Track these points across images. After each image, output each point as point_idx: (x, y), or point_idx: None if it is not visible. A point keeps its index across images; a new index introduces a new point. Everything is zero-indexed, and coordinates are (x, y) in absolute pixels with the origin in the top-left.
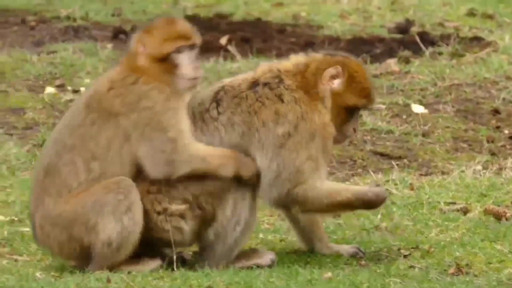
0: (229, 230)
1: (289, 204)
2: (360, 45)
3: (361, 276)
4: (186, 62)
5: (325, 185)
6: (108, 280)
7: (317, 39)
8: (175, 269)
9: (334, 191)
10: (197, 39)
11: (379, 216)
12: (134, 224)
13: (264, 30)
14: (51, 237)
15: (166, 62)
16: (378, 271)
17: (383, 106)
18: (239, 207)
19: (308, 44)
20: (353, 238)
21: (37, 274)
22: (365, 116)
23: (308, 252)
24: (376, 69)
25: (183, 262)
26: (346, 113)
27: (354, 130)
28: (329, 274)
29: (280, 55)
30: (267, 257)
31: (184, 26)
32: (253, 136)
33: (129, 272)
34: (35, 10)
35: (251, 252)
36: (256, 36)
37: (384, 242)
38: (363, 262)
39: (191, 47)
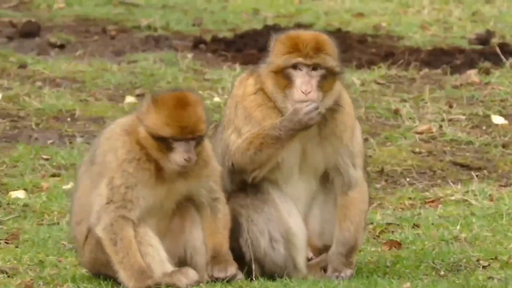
0: None
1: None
2: (441, 56)
3: (439, 286)
4: (181, 149)
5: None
6: None
7: (397, 50)
8: (253, 278)
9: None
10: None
11: (458, 227)
12: None
13: (345, 41)
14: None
15: (162, 143)
16: (456, 282)
17: (463, 117)
18: None
19: (388, 55)
20: (432, 248)
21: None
22: (445, 127)
23: (387, 263)
24: (456, 80)
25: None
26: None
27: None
28: (408, 284)
29: (361, 65)
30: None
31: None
32: None
33: (168, 287)
34: (115, 20)
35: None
36: (337, 47)
37: (463, 253)
38: (442, 273)
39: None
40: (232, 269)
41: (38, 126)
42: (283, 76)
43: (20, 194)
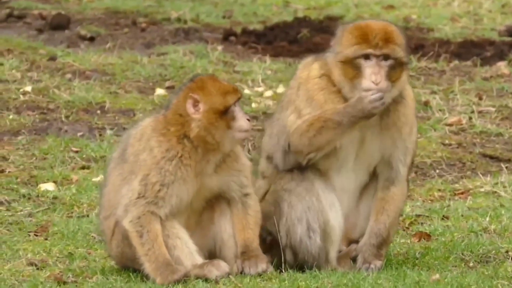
0: None
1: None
2: (471, 48)
3: (468, 278)
4: (240, 114)
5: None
6: (216, 282)
7: (427, 42)
8: (283, 270)
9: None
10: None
11: (487, 219)
12: None
13: None
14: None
15: (225, 116)
16: (486, 273)
17: (493, 109)
18: None
19: (418, 47)
20: (461, 240)
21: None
22: (475, 119)
23: (416, 255)
24: (486, 72)
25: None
26: None
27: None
28: (437, 276)
29: None
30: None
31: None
32: None
33: (198, 278)
34: (145, 12)
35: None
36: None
37: (492, 244)
38: (471, 264)
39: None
40: (263, 265)
41: (68, 119)
42: (352, 66)
43: (49, 186)
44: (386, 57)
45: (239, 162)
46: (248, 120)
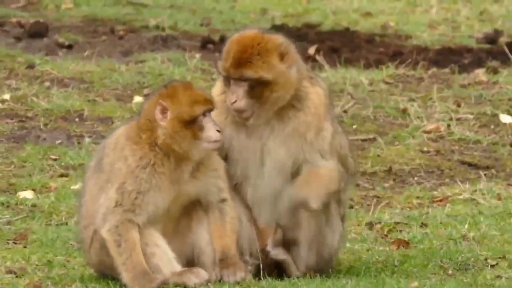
0: None
1: None
2: (449, 55)
3: (447, 286)
4: (211, 124)
5: None
6: None
7: (405, 49)
8: (261, 278)
9: None
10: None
11: (466, 226)
12: None
13: (353, 40)
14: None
15: (192, 126)
16: (465, 280)
17: (471, 116)
18: None
19: (396, 54)
20: (440, 247)
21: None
22: (453, 126)
23: (395, 262)
24: (464, 79)
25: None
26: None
27: None
28: (416, 283)
29: (369, 65)
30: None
31: (202, 91)
32: None
33: (176, 286)
34: (124, 20)
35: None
36: (345, 46)
37: (471, 252)
38: (450, 272)
39: (211, 110)
40: (241, 273)
41: (46, 127)
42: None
43: (28, 194)
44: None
45: (213, 160)
46: (218, 131)
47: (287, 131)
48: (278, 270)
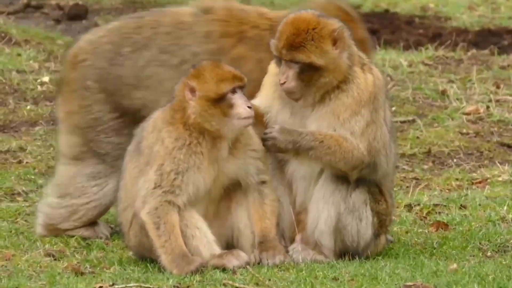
0: None
1: None
2: (488, 36)
3: (486, 267)
4: (240, 101)
5: None
6: (234, 272)
7: (445, 31)
8: (300, 260)
9: None
10: (245, 79)
11: (505, 208)
12: None
13: (392, 22)
14: None
15: (221, 103)
16: (503, 262)
17: (510, 98)
18: None
19: (436, 36)
20: (479, 229)
21: None
22: (492, 108)
23: (434, 244)
24: (504, 60)
25: None
26: None
27: None
28: (455, 265)
29: (408, 46)
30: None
31: (233, 68)
32: None
33: (216, 268)
34: (163, 2)
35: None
36: (384, 28)
37: (510, 234)
38: (489, 254)
39: (243, 87)
40: (281, 256)
41: None
42: None
43: None
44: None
45: (253, 140)
46: (249, 107)
47: (324, 111)
48: None
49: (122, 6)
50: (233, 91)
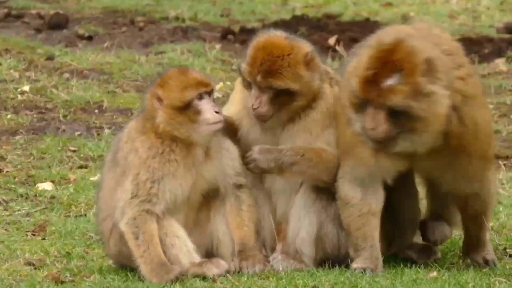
0: None
1: None
2: (469, 45)
3: (466, 275)
4: (208, 106)
5: None
6: (214, 280)
7: None
8: (280, 269)
9: None
10: (214, 83)
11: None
12: None
13: (373, 30)
14: None
15: (187, 110)
16: (483, 270)
17: (491, 106)
18: None
19: None
20: (459, 237)
21: None
22: None
23: None
24: (484, 69)
25: None
26: None
27: None
28: (435, 273)
29: None
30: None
31: (199, 74)
32: None
33: (196, 276)
34: (144, 11)
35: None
36: (365, 36)
37: (490, 242)
38: (468, 262)
39: (210, 92)
40: (260, 265)
41: (66, 118)
42: None
43: (47, 186)
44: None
45: (226, 143)
46: (217, 112)
47: (296, 129)
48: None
49: (102, 15)
50: (200, 97)
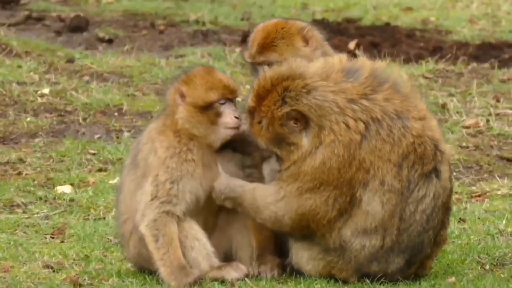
0: None
1: None
2: (489, 50)
3: (484, 281)
4: (229, 110)
5: None
6: (232, 284)
7: (445, 44)
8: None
9: None
10: (240, 90)
11: (504, 221)
12: None
13: (393, 35)
14: None
15: (208, 111)
16: (502, 276)
17: (510, 111)
18: None
19: (436, 49)
20: (478, 243)
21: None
22: (492, 121)
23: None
24: (504, 74)
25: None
26: None
27: None
28: (453, 279)
29: (408, 60)
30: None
31: (226, 77)
32: None
33: (214, 280)
34: (164, 14)
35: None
36: (385, 41)
37: (508, 247)
38: (487, 267)
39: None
40: (280, 270)
41: (85, 121)
42: None
43: (66, 189)
44: None
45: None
46: (237, 117)
47: None
48: None
49: (123, 18)
50: (222, 101)
